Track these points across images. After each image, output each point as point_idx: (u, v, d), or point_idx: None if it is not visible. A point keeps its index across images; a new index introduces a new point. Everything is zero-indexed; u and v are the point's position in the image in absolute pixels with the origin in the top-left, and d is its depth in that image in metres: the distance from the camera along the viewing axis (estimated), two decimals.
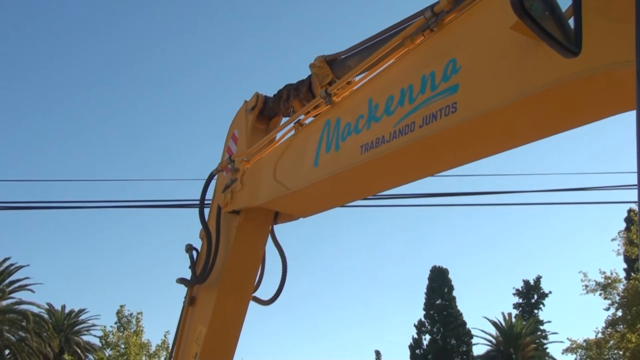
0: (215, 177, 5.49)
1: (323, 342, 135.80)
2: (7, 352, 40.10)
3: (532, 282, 62.76)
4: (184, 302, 5.67)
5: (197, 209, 5.45)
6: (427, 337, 42.78)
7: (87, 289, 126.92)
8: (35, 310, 42.16)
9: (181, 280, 5.43)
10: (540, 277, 60.27)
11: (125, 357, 30.08)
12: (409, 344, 43.01)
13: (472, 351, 43.20)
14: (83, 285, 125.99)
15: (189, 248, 5.54)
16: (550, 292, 59.96)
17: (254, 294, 5.35)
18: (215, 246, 5.04)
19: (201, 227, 5.41)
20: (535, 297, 61.62)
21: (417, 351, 42.40)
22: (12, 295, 40.79)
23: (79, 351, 48.07)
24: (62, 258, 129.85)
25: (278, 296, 5.41)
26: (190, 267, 5.49)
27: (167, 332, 30.96)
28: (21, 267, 41.09)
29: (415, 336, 43.12)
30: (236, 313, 5.17)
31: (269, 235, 5.30)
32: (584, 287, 30.36)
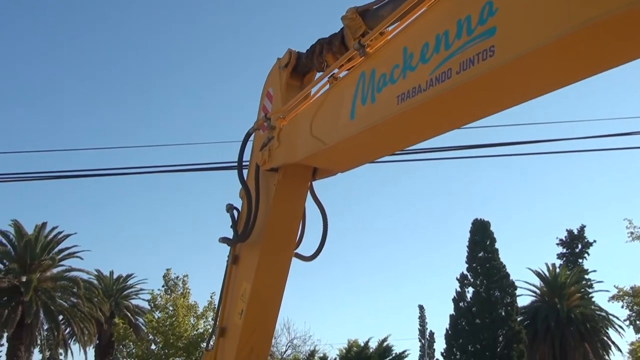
0: (252, 136, 5.51)
1: (367, 299, 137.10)
2: (60, 317, 41.39)
3: (575, 232, 62.13)
4: (227, 261, 5.75)
5: (236, 170, 5.49)
6: (471, 289, 42.79)
7: (133, 255, 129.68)
8: (85, 276, 43.28)
9: (224, 240, 5.50)
10: (584, 227, 59.61)
11: (173, 319, 30.81)
12: (453, 297, 43.12)
13: (516, 302, 43.09)
14: (129, 251, 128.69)
15: (230, 208, 5.60)
16: (594, 241, 59.37)
17: (296, 251, 5.40)
18: (255, 204, 5.07)
19: (241, 186, 5.45)
20: (580, 246, 61.02)
21: (461, 304, 42.47)
22: (62, 263, 41.88)
23: (129, 314, 49.40)
24: (107, 225, 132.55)
25: (320, 252, 5.45)
26: (231, 227, 5.55)
27: (212, 293, 31.55)
28: (69, 235, 42.09)
29: (459, 289, 43.14)
30: (279, 269, 5.23)
31: (308, 192, 5.32)
32: (629, 235, 29.99)
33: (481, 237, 43.79)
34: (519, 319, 43.22)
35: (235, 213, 5.61)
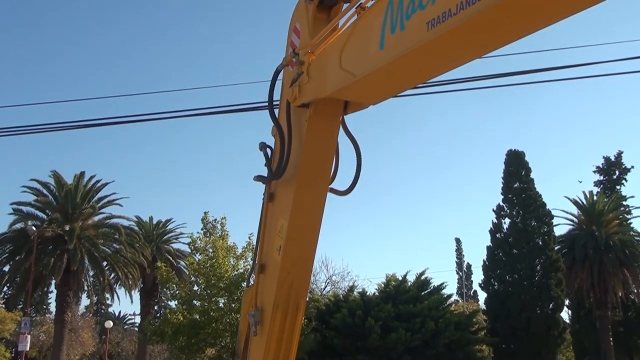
0: (282, 73, 5.47)
1: (404, 234, 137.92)
2: (105, 263, 42.54)
3: (612, 158, 61.20)
4: (263, 199, 5.81)
5: (267, 109, 5.47)
6: (507, 220, 42.68)
7: (170, 200, 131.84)
8: (125, 223, 44.21)
9: (258, 178, 5.53)
10: (622, 152, 58.63)
11: (213, 261, 31.42)
12: (489, 228, 43.13)
13: (553, 231, 42.92)
14: (166, 197, 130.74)
15: (263, 146, 5.62)
16: (632, 167, 58.46)
17: (331, 186, 5.42)
18: (288, 141, 5.08)
19: (273, 125, 5.45)
20: (617, 173, 60.20)
21: (498, 235, 42.45)
22: (102, 211, 42.81)
23: (171, 258, 50.58)
24: (143, 172, 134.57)
25: (354, 186, 5.47)
26: (265, 165, 5.59)
27: (250, 234, 32.01)
28: (107, 183, 42.85)
29: (495, 221, 43.05)
30: (315, 204, 5.26)
31: (341, 127, 5.30)
32: None
33: (516, 167, 43.40)
34: (556, 248, 43.15)
35: (269, 151, 5.63)
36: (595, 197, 48.44)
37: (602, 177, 61.19)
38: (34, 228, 37.49)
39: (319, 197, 5.26)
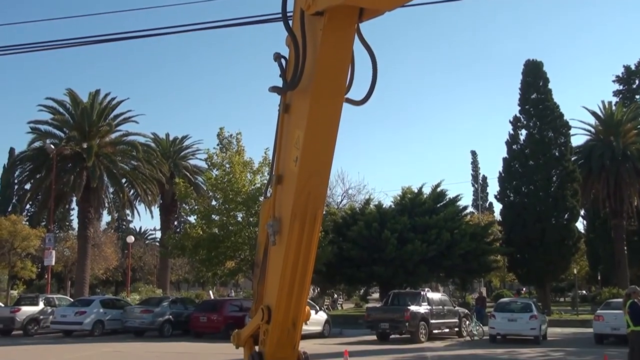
0: None
1: (419, 147, 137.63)
2: (124, 180, 43.04)
3: (633, 67, 59.99)
4: (279, 110, 5.80)
5: (281, 18, 5.35)
6: (524, 131, 42.35)
7: (186, 116, 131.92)
8: (142, 140, 44.40)
9: (274, 89, 5.48)
10: None
11: (231, 176, 31.70)
12: (506, 140, 42.87)
13: (570, 142, 42.59)
14: (181, 113, 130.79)
15: (277, 57, 5.55)
16: None
17: (346, 96, 5.38)
18: (302, 51, 5.00)
19: (287, 34, 5.35)
20: (637, 82, 59.18)
21: (514, 146, 42.22)
22: (118, 128, 42.92)
23: (188, 174, 51.05)
24: (157, 88, 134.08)
25: (370, 96, 5.43)
26: (280, 76, 5.53)
27: (266, 149, 32.11)
28: (122, 100, 42.75)
29: (512, 132, 42.74)
30: (330, 114, 5.23)
31: (356, 35, 5.21)
32: None
33: (534, 78, 42.71)
34: (573, 159, 42.99)
35: (284, 62, 5.56)
36: (613, 107, 47.81)
37: (621, 87, 60.27)
38: (52, 146, 37.80)
39: (335, 107, 5.22)
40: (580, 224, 50.63)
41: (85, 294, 37.93)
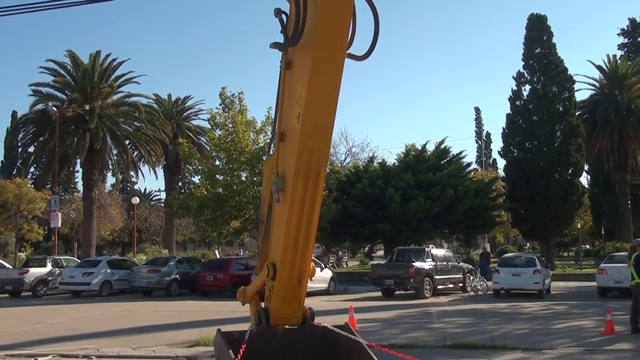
0: None
1: (423, 104, 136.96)
2: (127, 142, 43.04)
3: (638, 20, 59.27)
4: (280, 67, 5.75)
5: None
6: (527, 87, 42.05)
7: (187, 77, 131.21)
8: (144, 101, 44.25)
9: (275, 45, 5.41)
10: None
11: (234, 135, 31.64)
12: (509, 96, 42.60)
13: (574, 97, 42.31)
14: (183, 73, 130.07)
15: (278, 12, 5.48)
16: None
17: (348, 51, 5.33)
18: (303, 6, 4.93)
19: None
20: None
21: (518, 102, 41.97)
22: (120, 89, 42.73)
23: (191, 135, 50.98)
24: (158, 49, 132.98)
25: (372, 51, 5.39)
26: (281, 32, 5.47)
27: (269, 108, 31.99)
28: (123, 61, 42.47)
29: (515, 88, 42.45)
30: (333, 70, 5.17)
31: None
32: None
33: (537, 32, 42.27)
34: (577, 114, 42.78)
35: (285, 17, 5.50)
36: (618, 61, 47.36)
37: (626, 40, 59.66)
38: (54, 109, 37.71)
39: (337, 63, 5.16)
40: (584, 179, 50.66)
41: (92, 256, 38.26)
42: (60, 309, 21.89)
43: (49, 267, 29.13)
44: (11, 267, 31.22)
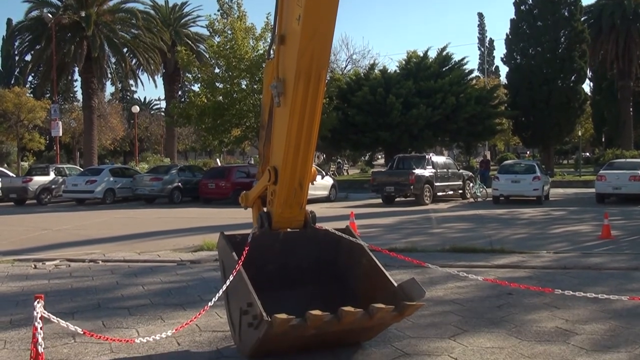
0: None
1: (424, 9, 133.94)
2: (125, 50, 42.46)
3: None
4: None
5: None
6: None
7: None
8: (141, 7, 43.41)
9: None
10: None
11: (233, 42, 31.15)
12: (514, 1, 41.66)
13: (580, 1, 41.14)
14: None
15: None
16: None
17: None
18: None
19: None
20: None
21: (522, 7, 41.05)
22: None
23: (190, 42, 50.12)
24: None
25: None
26: None
27: (268, 13, 31.39)
28: None
29: None
30: None
31: None
32: None
33: None
34: (582, 19, 41.94)
35: None
36: None
37: None
38: (50, 15, 36.99)
39: None
40: (586, 86, 50.29)
41: (94, 164, 38.49)
42: (65, 216, 22.23)
43: (52, 175, 29.35)
44: (15, 176, 31.48)
